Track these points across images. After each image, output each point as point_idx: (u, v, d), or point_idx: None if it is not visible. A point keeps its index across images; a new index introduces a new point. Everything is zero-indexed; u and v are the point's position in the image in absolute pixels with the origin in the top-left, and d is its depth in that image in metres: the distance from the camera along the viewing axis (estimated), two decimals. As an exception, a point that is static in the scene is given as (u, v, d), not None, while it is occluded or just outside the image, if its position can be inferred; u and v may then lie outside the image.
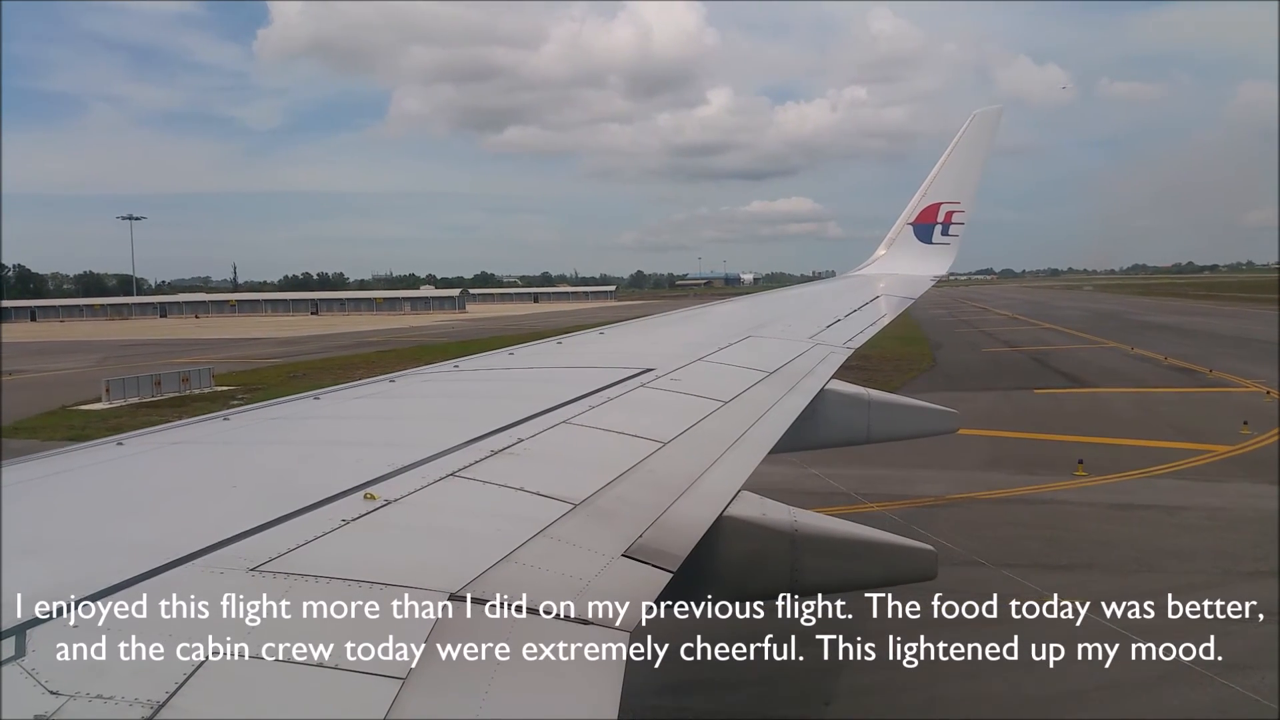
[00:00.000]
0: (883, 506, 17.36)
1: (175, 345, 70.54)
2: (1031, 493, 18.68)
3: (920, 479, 19.44)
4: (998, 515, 17.21)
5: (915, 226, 16.50)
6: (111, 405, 33.93)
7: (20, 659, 1.92)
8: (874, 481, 19.00)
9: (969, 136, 16.01)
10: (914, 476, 19.57)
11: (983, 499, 18.29)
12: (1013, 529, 16.34)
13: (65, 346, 71.76)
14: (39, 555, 2.60)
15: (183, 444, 4.34)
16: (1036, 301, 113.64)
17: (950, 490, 18.78)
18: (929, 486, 18.93)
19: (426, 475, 3.39)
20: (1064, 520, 16.79)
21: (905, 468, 20.10)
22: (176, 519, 3.00)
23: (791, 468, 19.62)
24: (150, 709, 1.80)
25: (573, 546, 2.91)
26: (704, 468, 4.06)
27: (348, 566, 2.48)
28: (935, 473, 19.98)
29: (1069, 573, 13.74)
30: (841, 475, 19.30)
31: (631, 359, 6.78)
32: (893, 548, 4.22)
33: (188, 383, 37.90)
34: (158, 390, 36.27)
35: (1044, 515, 17.12)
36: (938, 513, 17.23)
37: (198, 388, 37.97)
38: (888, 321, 11.66)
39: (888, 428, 8.01)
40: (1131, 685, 9.61)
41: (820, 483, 18.82)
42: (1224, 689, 9.53)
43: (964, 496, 18.42)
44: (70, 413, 32.96)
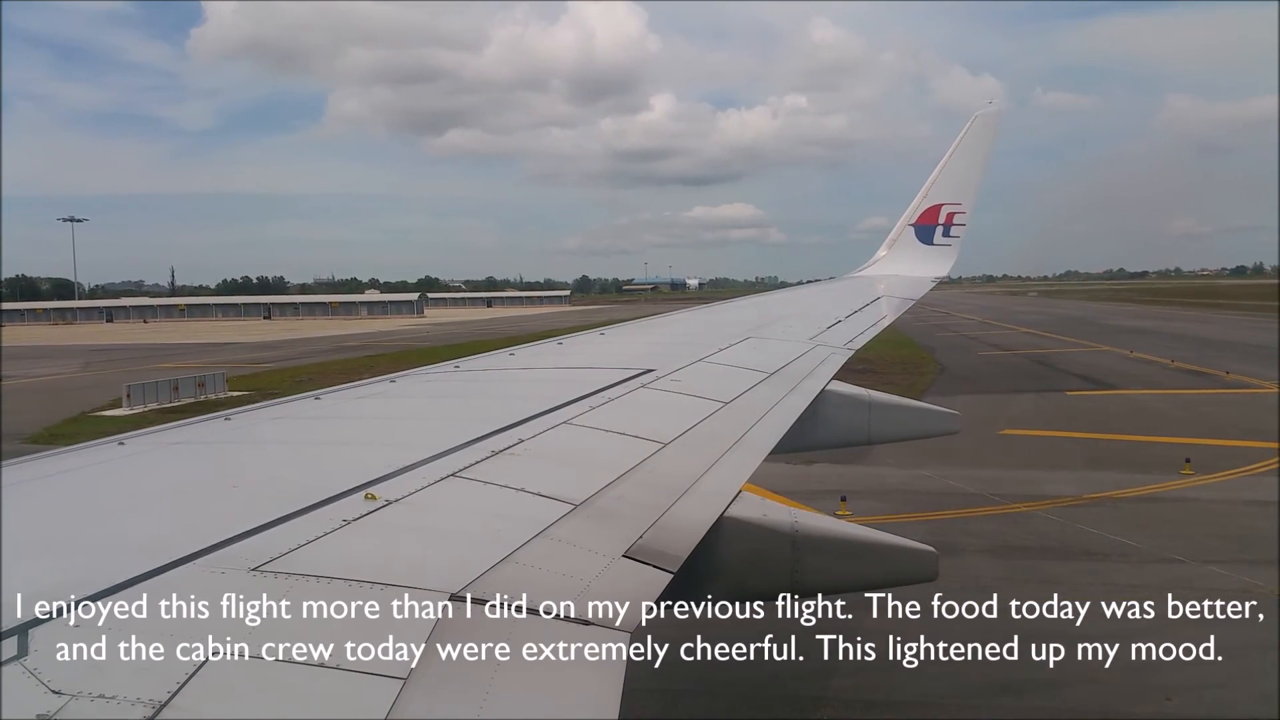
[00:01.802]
0: (1029, 507, 17.26)
1: (150, 350, 69.06)
2: (1161, 491, 18.50)
3: (1039, 480, 19.36)
4: (1154, 513, 16.97)
5: (917, 228, 16.51)
6: (134, 411, 33.37)
7: (22, 658, 1.93)
8: (994, 483, 18.95)
9: (970, 138, 16.03)
10: (1029, 477, 19.55)
11: (1123, 498, 18.01)
12: (1183, 526, 16.10)
13: (33, 351, 69.99)
14: (41, 555, 2.60)
15: (184, 444, 4.34)
16: (990, 307, 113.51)
17: (1080, 490, 18.55)
18: (1055, 487, 18.75)
19: (427, 475, 3.39)
20: (1225, 517, 16.59)
21: (1009, 468, 20.25)
22: (178, 519, 3.00)
23: (897, 469, 20.03)
24: (152, 709, 1.80)
25: (573, 547, 2.91)
26: (705, 468, 4.06)
27: (349, 567, 2.48)
28: (1045, 473, 19.98)
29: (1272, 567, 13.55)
30: (955, 476, 19.43)
31: (632, 360, 6.78)
32: (894, 549, 4.22)
33: (203, 388, 37.56)
34: (176, 395, 35.94)
35: (1198, 513, 16.94)
36: (1091, 512, 17.00)
37: (212, 393, 37.55)
38: (888, 323, 11.66)
39: (888, 429, 8.01)
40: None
41: (938, 484, 18.98)
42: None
43: (1101, 496, 18.14)
44: (95, 419, 32.30)
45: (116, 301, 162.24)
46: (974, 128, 16.05)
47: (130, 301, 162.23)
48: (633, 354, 7.77)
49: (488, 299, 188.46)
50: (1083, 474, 20.05)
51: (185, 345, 74.44)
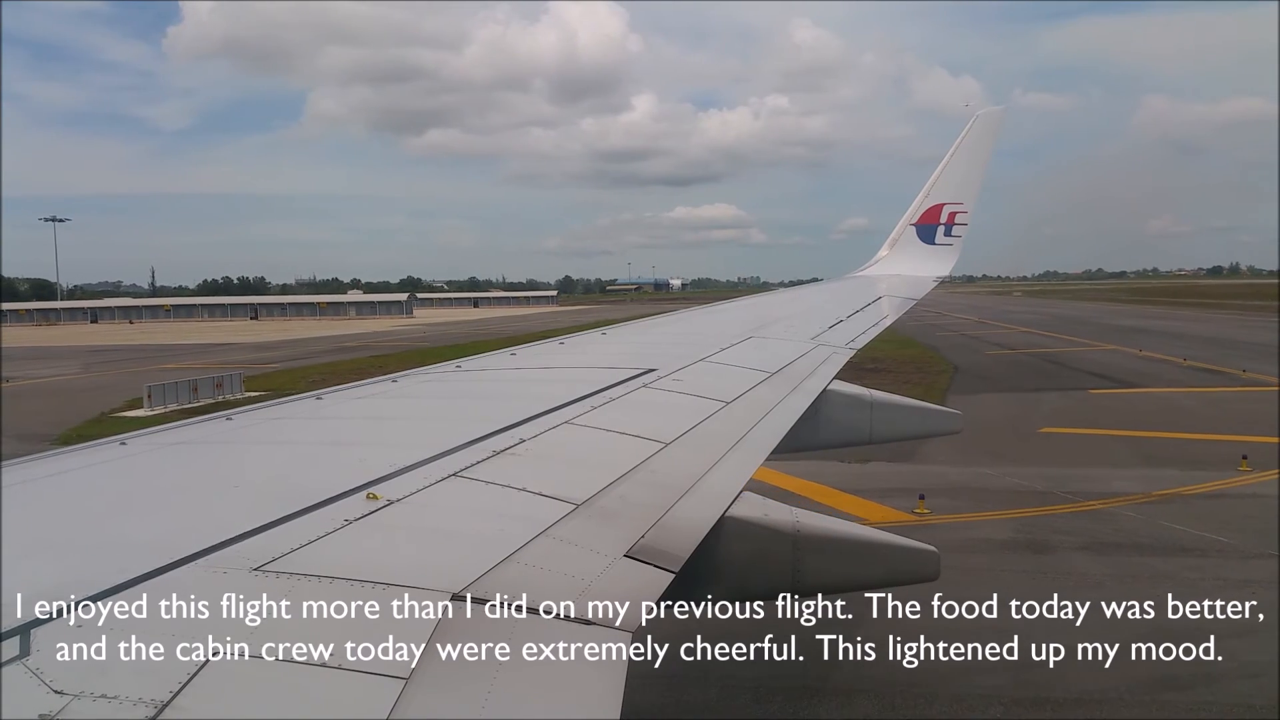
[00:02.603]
0: (1104, 504, 17.12)
1: (148, 351, 67.97)
2: (1227, 487, 18.31)
3: (1104, 477, 19.22)
4: (1230, 510, 16.76)
5: (918, 227, 16.50)
6: (155, 412, 32.93)
7: (25, 658, 1.93)
8: (1060, 480, 18.83)
9: (972, 137, 16.02)
10: (1092, 475, 19.42)
11: (1192, 494, 17.84)
12: (1264, 521, 15.80)
13: (28, 353, 68.08)
14: (43, 555, 2.60)
15: (185, 444, 4.34)
16: (980, 306, 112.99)
17: (1146, 487, 18.38)
18: (1122, 484, 18.59)
19: (429, 475, 3.39)
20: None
21: (1066, 466, 20.16)
22: (179, 519, 3.00)
23: (954, 467, 20.00)
24: (154, 708, 1.80)
25: (575, 547, 2.91)
26: (706, 468, 4.06)
27: (350, 566, 2.48)
28: (1107, 470, 19.87)
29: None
30: (1017, 474, 19.36)
31: (634, 359, 6.78)
32: (895, 549, 4.22)
33: (221, 388, 37.28)
34: (195, 396, 35.70)
35: (1272, 508, 16.58)
36: (1167, 508, 16.81)
37: (229, 393, 37.22)
38: (890, 322, 11.66)
39: (890, 428, 8.01)
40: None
41: (1004, 482, 18.91)
42: None
43: (1170, 493, 17.93)
44: (117, 420, 31.75)
45: (100, 302, 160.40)
46: (976, 127, 16.03)
47: (115, 302, 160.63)
48: (634, 353, 7.77)
49: (474, 299, 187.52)
50: (1142, 471, 19.90)
51: (183, 346, 73.61)
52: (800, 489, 17.56)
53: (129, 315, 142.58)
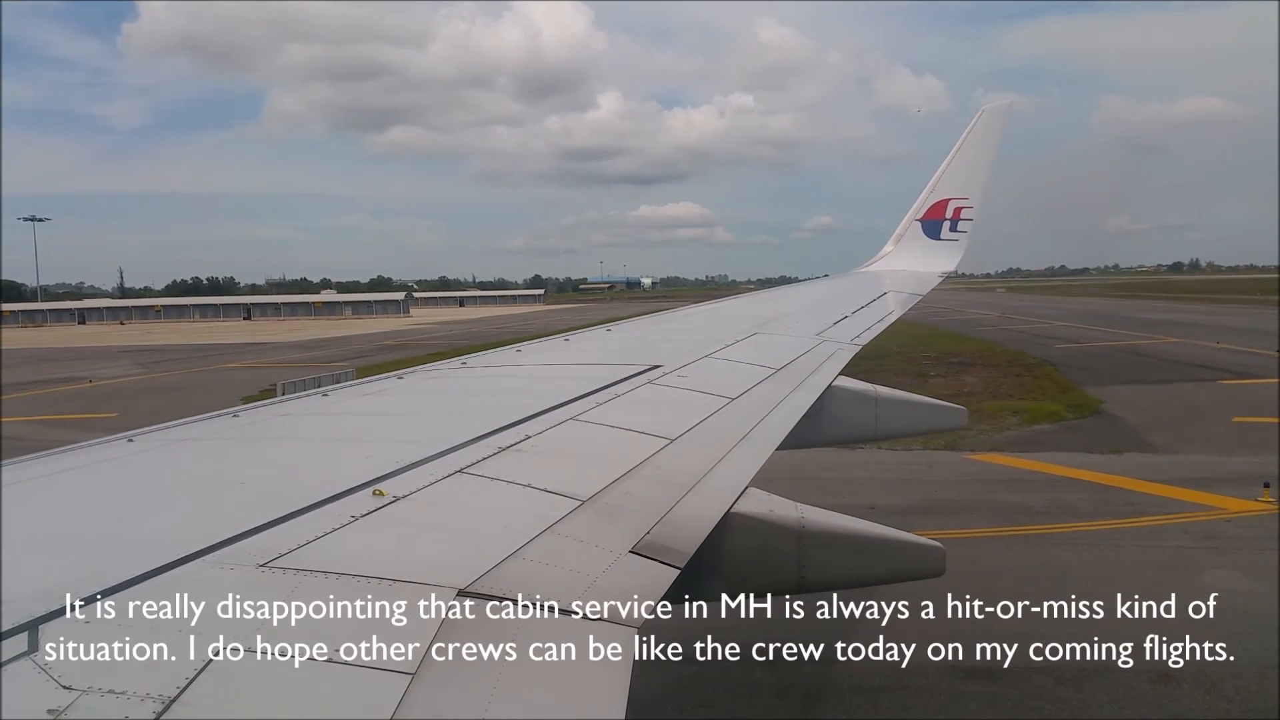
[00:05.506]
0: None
1: (186, 351, 64.38)
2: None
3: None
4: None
5: (923, 223, 16.44)
6: None
7: (32, 654, 1.93)
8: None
9: (978, 132, 15.94)
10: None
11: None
12: None
13: (55, 354, 64.91)
14: (50, 551, 2.61)
15: (192, 440, 4.35)
16: (982, 301, 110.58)
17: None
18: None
19: (435, 471, 3.40)
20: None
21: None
22: (186, 515, 3.01)
23: (1223, 457, 19.62)
24: (161, 704, 1.81)
25: (580, 543, 2.91)
26: (711, 464, 4.06)
27: (356, 563, 2.49)
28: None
29: None
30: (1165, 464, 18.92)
31: (638, 356, 6.78)
32: (901, 544, 4.21)
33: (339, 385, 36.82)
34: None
35: None
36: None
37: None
38: (895, 318, 11.60)
39: (895, 424, 8.00)
40: None
41: (1266, 469, 18.07)
42: None
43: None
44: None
45: (86, 303, 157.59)
46: (982, 121, 15.96)
47: (105, 303, 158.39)
48: (639, 350, 7.77)
49: (459, 299, 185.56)
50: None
51: (218, 346, 70.19)
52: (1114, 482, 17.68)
53: (118, 316, 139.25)
